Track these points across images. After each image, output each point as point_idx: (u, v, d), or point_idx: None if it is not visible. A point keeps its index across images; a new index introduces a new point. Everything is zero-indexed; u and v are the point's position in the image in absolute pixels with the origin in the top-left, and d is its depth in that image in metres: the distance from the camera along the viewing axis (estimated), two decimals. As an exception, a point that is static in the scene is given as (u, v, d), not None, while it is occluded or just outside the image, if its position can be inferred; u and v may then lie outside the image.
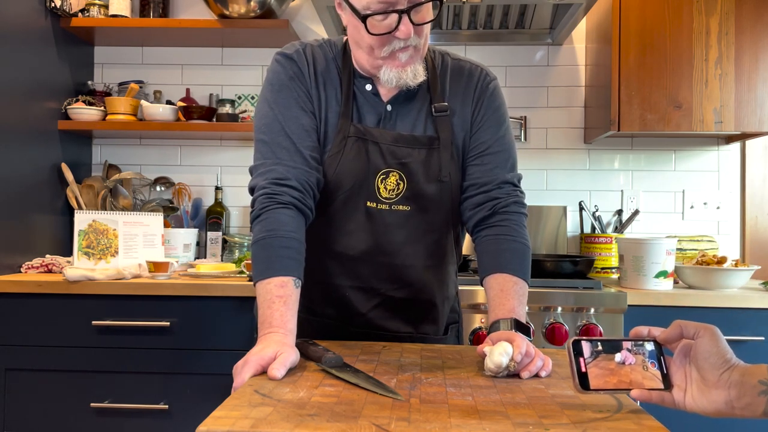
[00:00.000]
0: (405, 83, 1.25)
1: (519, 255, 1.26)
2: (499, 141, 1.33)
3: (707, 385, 0.82)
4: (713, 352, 0.82)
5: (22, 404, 2.11)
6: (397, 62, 1.23)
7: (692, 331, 0.85)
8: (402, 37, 1.19)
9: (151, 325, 2.08)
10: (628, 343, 0.89)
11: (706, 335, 0.83)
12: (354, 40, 1.27)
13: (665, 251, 2.14)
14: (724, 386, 0.81)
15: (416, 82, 1.26)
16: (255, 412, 0.80)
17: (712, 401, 0.82)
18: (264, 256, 1.17)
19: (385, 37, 1.20)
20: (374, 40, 1.21)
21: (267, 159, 1.25)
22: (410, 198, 1.29)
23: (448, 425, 0.78)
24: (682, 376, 0.86)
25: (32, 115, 2.42)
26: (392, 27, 1.18)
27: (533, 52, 2.79)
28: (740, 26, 2.33)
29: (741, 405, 0.79)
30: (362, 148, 1.28)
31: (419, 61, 1.25)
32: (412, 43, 1.21)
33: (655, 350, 0.89)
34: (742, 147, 2.72)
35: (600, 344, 0.88)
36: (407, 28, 1.18)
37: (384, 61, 1.23)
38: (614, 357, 0.87)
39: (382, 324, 1.36)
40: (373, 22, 1.18)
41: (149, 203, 2.69)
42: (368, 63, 1.26)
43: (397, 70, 1.23)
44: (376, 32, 1.19)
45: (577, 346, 0.87)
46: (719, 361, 0.82)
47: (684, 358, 0.87)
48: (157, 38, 2.74)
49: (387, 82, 1.25)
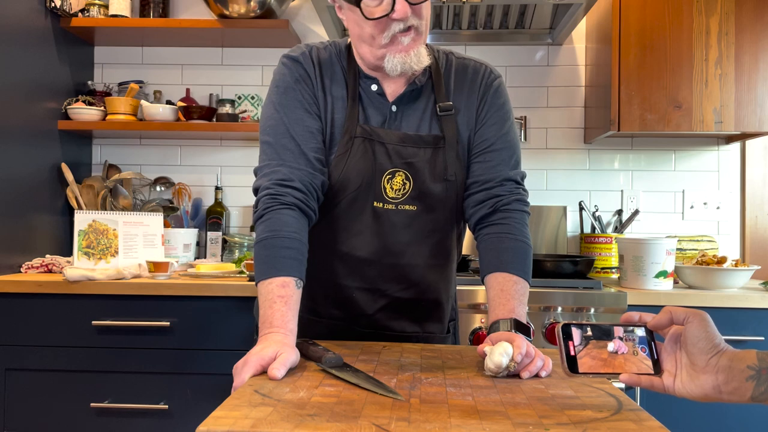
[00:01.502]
0: (410, 67, 1.24)
1: (520, 254, 1.26)
2: (502, 138, 1.33)
3: (696, 370, 0.83)
4: (702, 337, 0.83)
5: (22, 404, 2.11)
6: (399, 46, 1.22)
7: (682, 316, 0.86)
8: (399, 17, 1.18)
9: (151, 325, 2.08)
10: (619, 329, 0.89)
11: (695, 320, 0.84)
12: (356, 35, 1.27)
13: (665, 251, 2.14)
14: (713, 371, 0.81)
15: (421, 66, 1.25)
16: (255, 412, 0.80)
17: (699, 386, 0.82)
18: (266, 256, 1.17)
19: (384, 22, 1.19)
20: (374, 28, 1.20)
21: (271, 160, 1.25)
22: (416, 198, 1.29)
23: (448, 425, 0.78)
24: (673, 361, 0.87)
25: (32, 115, 2.42)
26: (388, 9, 1.18)
27: (533, 52, 2.79)
28: (740, 26, 2.34)
29: (728, 390, 0.80)
30: (369, 149, 1.28)
31: (422, 44, 1.25)
32: (412, 23, 1.21)
33: (646, 336, 0.89)
34: (742, 147, 2.72)
35: (590, 329, 0.88)
36: (403, 7, 1.18)
37: (386, 48, 1.23)
38: (606, 345, 0.87)
39: (387, 325, 1.36)
40: (369, 8, 1.18)
41: (149, 203, 2.69)
42: (371, 54, 1.25)
43: (401, 55, 1.22)
44: (373, 17, 1.19)
45: (567, 329, 0.87)
46: (708, 346, 0.82)
47: (674, 344, 0.88)
48: (157, 38, 2.74)
49: (392, 69, 1.24)
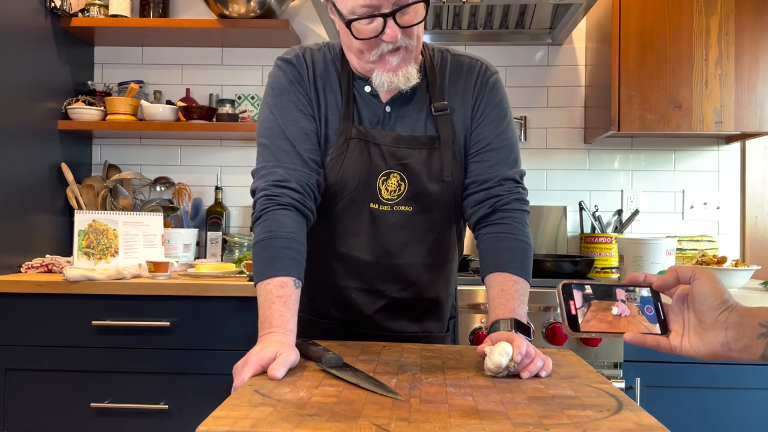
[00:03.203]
0: (397, 87, 1.24)
1: (520, 253, 1.26)
2: (500, 137, 1.32)
3: (704, 327, 0.81)
4: (710, 294, 0.81)
5: (22, 404, 2.11)
6: (387, 66, 1.22)
7: (688, 274, 0.83)
8: (388, 40, 1.18)
9: (151, 325, 2.08)
10: (622, 290, 0.86)
11: (703, 277, 0.82)
12: (345, 44, 1.27)
13: (665, 251, 2.14)
14: (722, 327, 0.79)
15: (408, 85, 1.25)
16: (255, 412, 0.80)
17: (708, 343, 0.80)
18: (264, 256, 1.17)
19: (373, 41, 1.19)
20: (362, 44, 1.20)
21: (268, 162, 1.26)
22: (412, 198, 1.29)
23: (448, 425, 0.78)
24: (680, 321, 0.84)
25: (32, 115, 2.42)
26: (378, 31, 1.17)
27: (533, 52, 2.79)
28: (740, 26, 2.33)
29: (738, 347, 0.78)
30: (364, 150, 1.28)
31: (411, 63, 1.24)
32: (401, 44, 1.20)
33: (652, 297, 0.87)
34: (742, 147, 2.72)
35: (592, 289, 0.85)
36: (393, 32, 1.17)
37: (374, 65, 1.23)
38: (610, 307, 0.84)
39: (387, 325, 1.36)
40: (359, 26, 1.18)
41: (149, 203, 2.69)
42: (359, 66, 1.26)
43: (389, 74, 1.22)
44: (362, 36, 1.18)
45: (567, 288, 0.84)
46: (716, 302, 0.80)
47: (681, 304, 0.85)
48: (157, 38, 2.74)
49: (379, 86, 1.24)
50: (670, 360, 2.06)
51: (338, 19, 1.22)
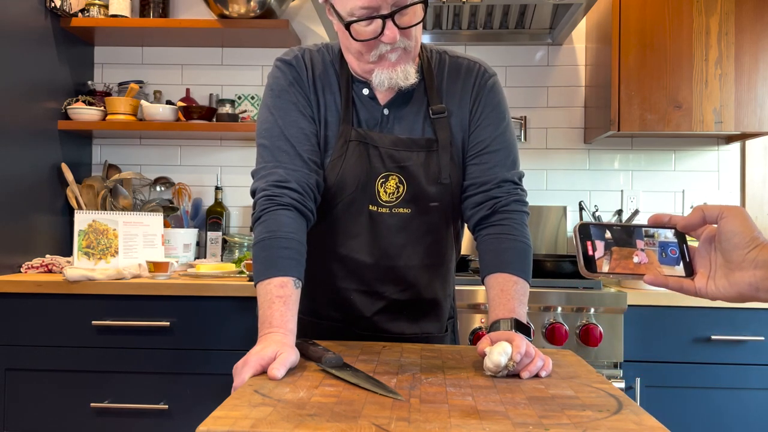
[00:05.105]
0: (396, 83, 1.24)
1: (520, 254, 1.26)
2: (499, 139, 1.32)
3: (731, 267, 0.75)
4: (737, 231, 0.75)
5: (22, 404, 2.11)
6: (387, 63, 1.22)
7: (716, 213, 0.77)
8: (387, 41, 1.18)
9: (151, 325, 2.08)
10: (644, 231, 0.80)
11: (730, 215, 0.76)
12: (344, 46, 1.27)
13: (665, 251, 2.14)
14: (750, 266, 0.74)
15: (408, 83, 1.25)
16: (255, 412, 0.80)
17: (734, 283, 0.75)
18: (264, 256, 1.17)
19: (372, 42, 1.20)
20: (362, 46, 1.21)
21: (267, 162, 1.26)
22: (410, 201, 1.30)
23: (448, 425, 0.78)
24: (707, 263, 0.79)
25: (32, 115, 2.42)
26: (377, 32, 1.17)
27: (533, 52, 2.79)
28: (740, 26, 2.33)
29: (766, 287, 0.73)
30: (363, 152, 1.28)
31: (410, 62, 1.25)
32: (400, 45, 1.21)
33: (677, 239, 0.81)
34: (742, 147, 2.72)
35: (611, 230, 0.79)
36: (392, 33, 1.17)
37: (374, 65, 1.23)
38: (631, 250, 0.79)
39: (386, 327, 1.36)
40: (358, 28, 1.18)
41: (149, 203, 2.69)
42: (359, 68, 1.26)
43: (388, 70, 1.22)
44: (361, 38, 1.19)
45: (585, 229, 0.79)
46: (745, 240, 0.74)
47: (709, 245, 0.80)
48: (157, 38, 2.74)
49: (379, 84, 1.24)
50: (670, 360, 2.06)
51: (337, 21, 1.22)
